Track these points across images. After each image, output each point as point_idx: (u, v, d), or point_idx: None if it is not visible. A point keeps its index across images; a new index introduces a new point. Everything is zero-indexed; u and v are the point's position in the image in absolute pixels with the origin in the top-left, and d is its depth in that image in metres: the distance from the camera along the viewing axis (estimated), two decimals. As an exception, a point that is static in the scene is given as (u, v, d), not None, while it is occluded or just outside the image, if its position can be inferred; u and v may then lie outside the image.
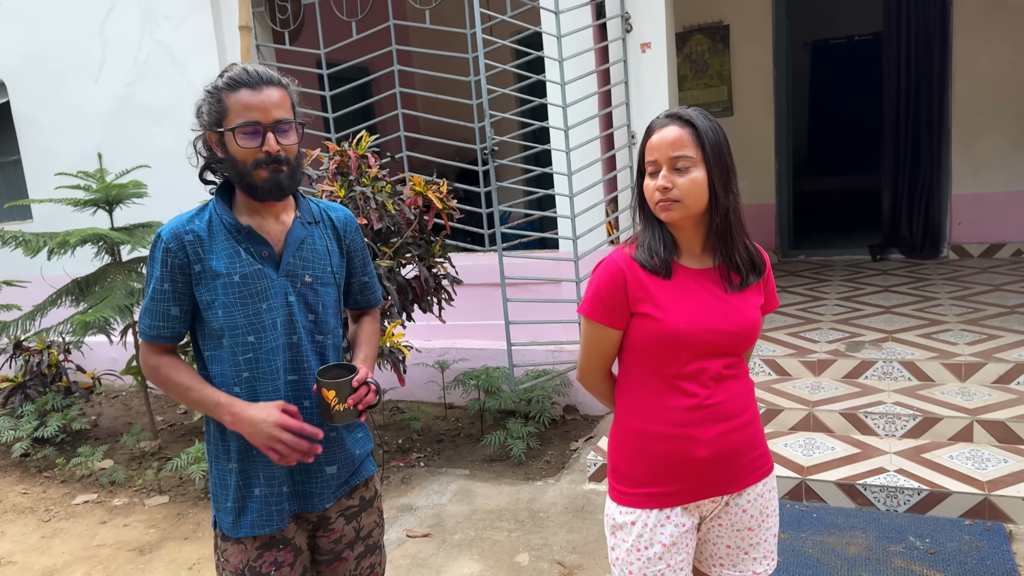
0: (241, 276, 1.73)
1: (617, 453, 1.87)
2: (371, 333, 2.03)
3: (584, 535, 3.45)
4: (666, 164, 1.69)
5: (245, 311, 1.73)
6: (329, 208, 1.93)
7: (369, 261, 2.01)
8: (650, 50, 4.62)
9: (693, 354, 1.75)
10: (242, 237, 1.75)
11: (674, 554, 1.79)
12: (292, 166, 1.74)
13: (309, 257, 1.82)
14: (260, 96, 1.67)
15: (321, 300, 1.83)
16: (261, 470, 1.78)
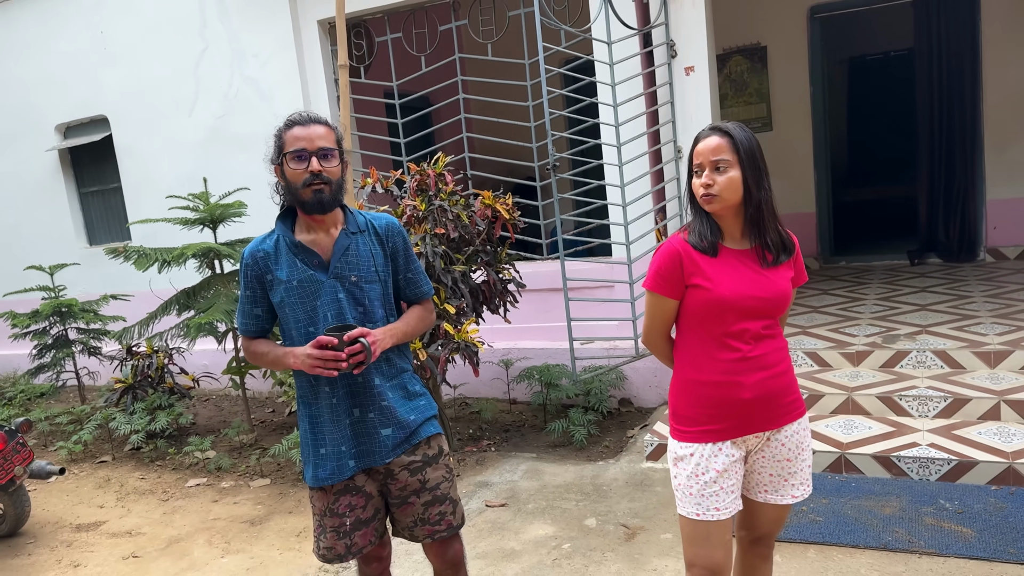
0: (299, 281, 2.21)
1: (677, 400, 2.32)
2: (409, 317, 2.40)
3: (645, 504, 3.88)
4: (708, 166, 2.16)
5: (304, 307, 2.22)
6: (374, 218, 2.34)
7: (413, 260, 2.40)
8: (694, 73, 5.09)
9: (737, 316, 2.20)
10: (298, 251, 2.23)
11: (725, 479, 2.23)
12: (333, 186, 2.18)
13: (354, 261, 2.24)
14: (308, 131, 2.17)
15: (367, 295, 2.26)
16: (326, 434, 2.27)
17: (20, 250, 7.83)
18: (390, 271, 2.34)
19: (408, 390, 2.37)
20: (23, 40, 7.51)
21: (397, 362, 2.36)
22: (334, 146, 2.20)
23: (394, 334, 2.29)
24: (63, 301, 6.20)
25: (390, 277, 2.34)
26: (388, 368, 2.32)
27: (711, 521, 2.21)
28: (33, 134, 7.64)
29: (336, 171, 2.20)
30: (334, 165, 2.19)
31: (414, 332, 2.39)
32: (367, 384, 2.26)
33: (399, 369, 2.37)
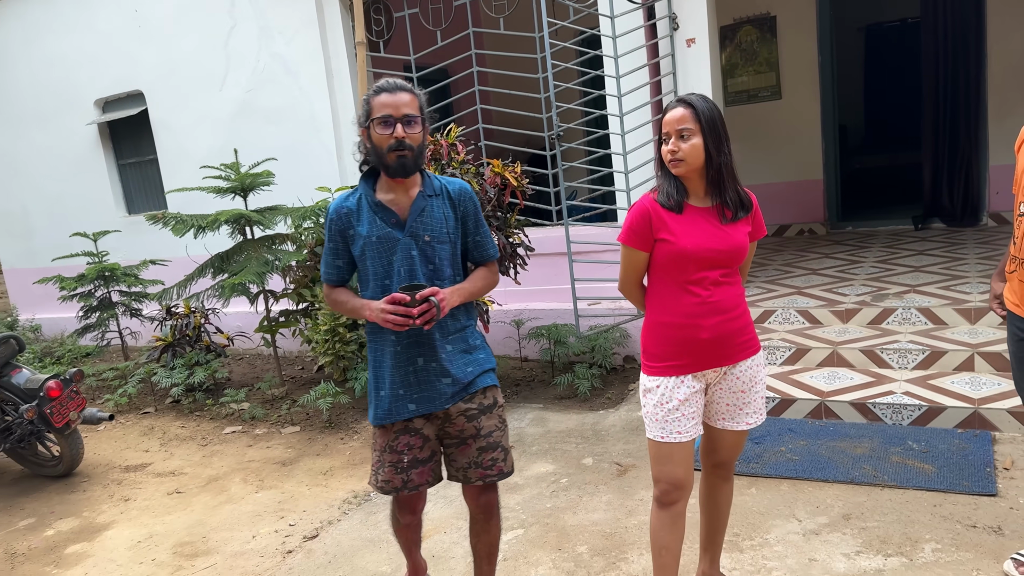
0: (378, 237, 2.41)
1: (647, 339, 2.65)
2: (475, 277, 2.57)
3: (638, 446, 4.23)
4: (674, 134, 2.46)
5: (382, 261, 2.42)
6: (448, 182, 2.52)
7: (482, 224, 2.56)
8: (695, 45, 5.33)
9: (697, 266, 2.52)
10: (378, 209, 2.42)
11: (687, 407, 2.56)
12: (415, 151, 2.36)
13: (428, 221, 2.42)
14: (394, 98, 2.35)
15: (437, 254, 2.44)
16: (387, 378, 2.47)
17: (64, 219, 8.31)
18: (460, 233, 2.50)
19: (468, 344, 2.54)
20: (63, 20, 7.92)
21: (461, 318, 2.53)
22: (418, 113, 2.37)
23: (461, 293, 2.46)
24: (106, 265, 6.65)
25: (459, 239, 2.51)
26: (452, 323, 2.49)
27: (674, 443, 2.55)
28: (74, 109, 8.08)
29: (418, 137, 2.37)
30: (417, 131, 2.36)
31: (479, 291, 2.55)
32: (431, 337, 2.44)
33: (462, 325, 2.53)
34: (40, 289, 8.22)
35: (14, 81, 8.42)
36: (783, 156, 7.76)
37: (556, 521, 3.53)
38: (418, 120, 2.38)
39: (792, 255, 6.88)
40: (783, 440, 4.04)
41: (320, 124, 6.77)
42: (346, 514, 3.91)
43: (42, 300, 8.56)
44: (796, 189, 7.80)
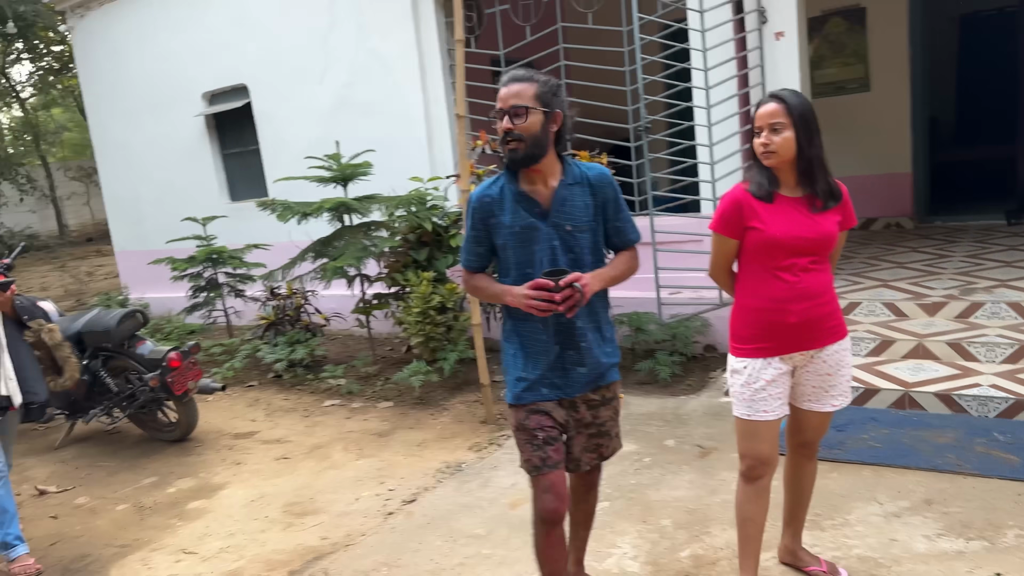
0: (521, 227, 2.43)
1: (735, 322, 2.81)
2: (616, 262, 2.57)
3: (720, 430, 4.36)
4: (766, 128, 2.60)
5: (524, 251, 2.44)
6: (588, 169, 2.50)
7: (622, 209, 2.55)
8: (783, 38, 5.39)
9: (786, 253, 2.65)
10: (521, 199, 2.43)
11: (773, 387, 2.71)
12: (527, 142, 2.34)
13: (569, 211, 2.43)
14: (505, 90, 2.38)
15: (578, 243, 2.45)
16: (526, 362, 2.52)
17: (171, 205, 8.87)
18: (600, 220, 2.50)
19: (603, 335, 2.57)
20: (175, 17, 8.46)
21: (598, 307, 2.55)
22: (528, 103, 2.33)
23: (603, 279, 2.47)
24: (215, 248, 7.13)
25: (600, 226, 2.51)
26: (590, 312, 2.51)
27: (760, 420, 2.70)
28: (183, 102, 8.62)
29: (530, 127, 2.33)
30: (525, 122, 2.33)
31: (620, 277, 2.55)
32: (571, 324, 2.47)
33: (599, 314, 2.56)
34: (148, 269, 8.80)
35: (129, 75, 9.03)
36: (870, 149, 7.68)
37: (640, 496, 3.71)
38: (524, 110, 2.34)
39: (878, 248, 6.84)
40: (865, 428, 4.11)
41: (412, 117, 7.07)
42: (440, 482, 4.18)
43: (150, 280, 9.16)
44: (883, 182, 7.71)
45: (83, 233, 21.70)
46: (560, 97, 2.41)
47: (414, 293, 5.69)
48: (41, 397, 3.73)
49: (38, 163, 21.17)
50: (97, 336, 5.05)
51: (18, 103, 20.39)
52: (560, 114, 2.40)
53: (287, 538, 3.77)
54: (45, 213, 21.30)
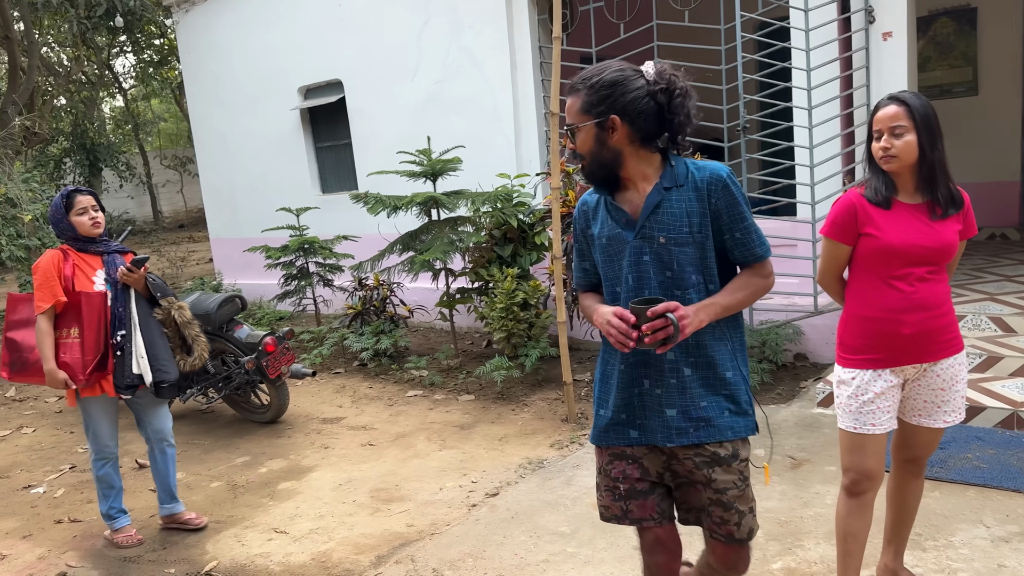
0: (607, 239, 2.10)
1: (844, 331, 2.72)
2: (735, 285, 2.09)
3: (812, 441, 4.24)
4: (887, 131, 2.51)
5: (612, 267, 2.12)
6: (697, 169, 2.05)
7: (744, 217, 2.05)
8: (891, 39, 5.19)
9: (903, 262, 2.55)
10: (611, 208, 2.11)
11: (882, 400, 2.61)
12: (589, 161, 2.04)
13: (664, 219, 2.02)
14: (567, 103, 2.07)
15: (676, 258, 2.02)
16: (610, 397, 2.15)
17: (265, 195, 9.16)
18: (710, 231, 2.05)
19: (716, 376, 2.08)
20: (276, 11, 8.72)
21: (706, 340, 2.07)
22: (575, 120, 2.03)
23: (712, 309, 2.01)
24: (307, 238, 7.32)
25: (710, 238, 2.05)
26: (692, 345, 2.06)
27: (866, 434, 2.61)
28: (280, 95, 8.88)
29: (581, 145, 2.04)
30: (580, 141, 2.04)
31: (740, 304, 2.08)
32: (662, 357, 2.06)
33: (709, 349, 2.07)
34: (241, 256, 9.13)
35: (230, 68, 9.36)
36: (976, 155, 7.33)
37: (729, 503, 3.64)
38: (576, 129, 2.03)
39: (983, 260, 6.53)
40: (969, 447, 3.93)
41: (502, 114, 7.11)
42: (523, 477, 4.19)
43: (243, 267, 9.49)
44: (989, 190, 7.36)
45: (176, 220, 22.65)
46: (619, 95, 1.96)
47: (498, 289, 5.72)
48: (171, 376, 3.71)
49: (136, 151, 22.18)
50: (198, 318, 5.24)
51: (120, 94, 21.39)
52: (616, 119, 1.97)
53: (374, 523, 3.84)
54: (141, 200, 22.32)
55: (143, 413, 3.86)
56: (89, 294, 3.56)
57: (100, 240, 3.67)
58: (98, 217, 3.61)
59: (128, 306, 3.67)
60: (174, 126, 26.22)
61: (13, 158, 9.77)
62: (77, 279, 3.57)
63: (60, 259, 3.57)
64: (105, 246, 3.69)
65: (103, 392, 3.64)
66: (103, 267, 3.65)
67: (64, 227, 3.59)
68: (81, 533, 4.03)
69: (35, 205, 7.79)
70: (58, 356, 3.57)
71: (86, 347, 3.54)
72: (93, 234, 3.61)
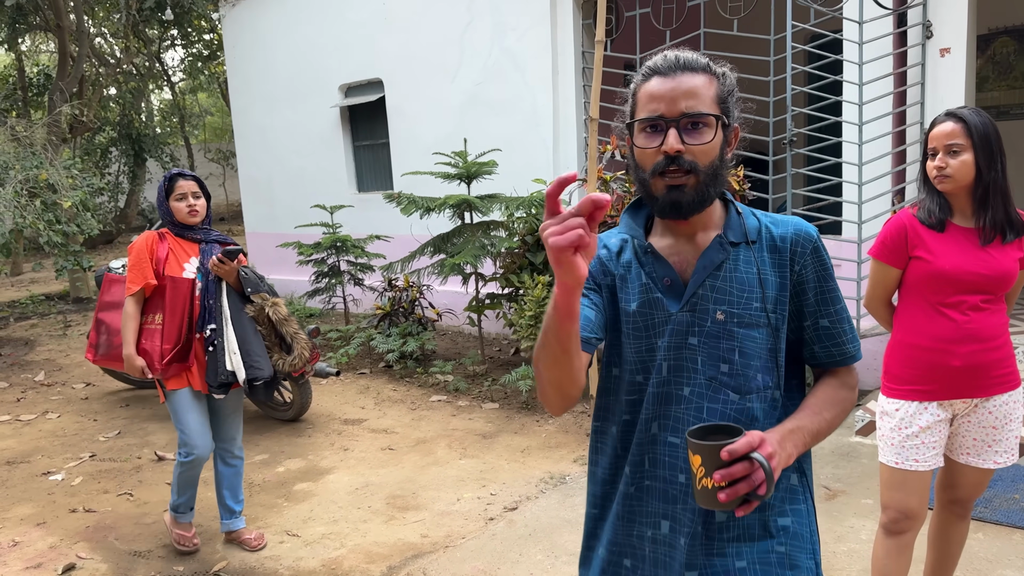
0: (639, 304, 1.45)
1: (890, 359, 2.55)
2: (823, 400, 1.45)
3: (849, 472, 4.05)
4: (943, 149, 2.35)
5: (638, 345, 1.45)
6: (773, 223, 1.48)
7: (837, 299, 1.48)
8: (949, 55, 4.98)
9: (955, 289, 2.39)
10: (646, 258, 1.46)
11: (928, 435, 2.44)
12: (702, 176, 1.35)
13: (726, 287, 1.41)
14: (671, 83, 1.34)
15: (740, 346, 1.40)
16: (606, 534, 1.53)
17: (302, 191, 9.17)
18: (786, 312, 1.45)
19: (767, 523, 1.43)
20: (320, 8, 8.73)
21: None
22: (710, 109, 1.36)
23: (799, 438, 1.37)
24: (340, 236, 7.29)
25: (786, 322, 1.46)
26: None
27: (909, 470, 2.44)
28: (321, 92, 8.88)
29: (710, 150, 1.36)
30: (705, 140, 1.35)
31: (828, 430, 1.44)
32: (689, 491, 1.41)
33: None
34: (275, 251, 9.14)
35: (272, 64, 9.39)
36: (1034, 180, 7.03)
37: (757, 533, 3.47)
38: (708, 121, 1.35)
39: (1036, 290, 6.24)
40: (1017, 487, 3.71)
41: (541, 118, 7.00)
42: (543, 492, 4.06)
43: (276, 262, 9.50)
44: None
45: (217, 212, 22.91)
46: (735, 100, 1.44)
47: (528, 296, 5.60)
48: (266, 373, 3.45)
49: (181, 144, 22.52)
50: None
51: (168, 86, 21.74)
52: (738, 129, 1.46)
53: (388, 531, 3.74)
54: (184, 191, 22.55)
55: (218, 415, 3.62)
56: (176, 279, 3.36)
57: (200, 228, 3.47)
58: (196, 205, 3.40)
59: (219, 299, 3.44)
60: (220, 120, 26.59)
61: (58, 145, 9.92)
62: (169, 264, 3.38)
63: (155, 241, 3.40)
64: (204, 234, 3.48)
65: (189, 384, 3.44)
66: (199, 255, 3.45)
67: (164, 211, 3.42)
68: (95, 524, 3.99)
69: (75, 192, 7.87)
70: (140, 342, 3.39)
71: (166, 335, 3.36)
72: (190, 222, 3.41)
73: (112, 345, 4.34)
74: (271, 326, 3.58)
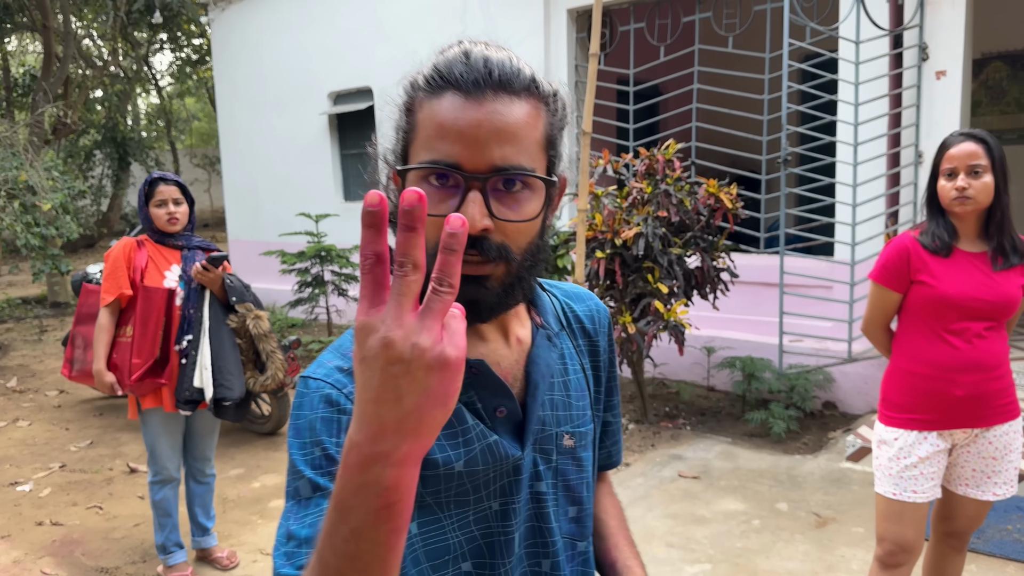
0: (467, 461, 0.94)
1: (889, 387, 2.47)
2: (622, 523, 1.23)
3: (839, 499, 3.96)
4: (965, 170, 2.27)
5: (462, 519, 0.96)
6: (568, 296, 1.14)
7: (617, 386, 1.19)
8: (945, 78, 4.94)
9: (959, 315, 2.31)
10: (466, 381, 0.93)
11: (927, 466, 2.35)
12: (515, 265, 0.91)
13: (563, 397, 1.04)
14: (477, 111, 0.88)
15: (585, 477, 1.07)
16: None
17: (288, 199, 9.04)
18: (601, 413, 1.16)
19: None
20: (311, 15, 8.63)
21: None
22: (534, 162, 0.90)
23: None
24: (324, 246, 7.16)
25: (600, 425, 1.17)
26: None
27: (906, 502, 2.36)
28: (310, 99, 8.78)
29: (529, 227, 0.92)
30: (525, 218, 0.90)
31: None
32: None
33: None
34: (258, 260, 8.99)
35: (261, 69, 9.29)
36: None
37: (747, 562, 3.37)
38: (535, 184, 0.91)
39: (1026, 315, 6.20)
40: (1010, 518, 3.64)
41: (532, 130, 6.91)
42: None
43: (259, 271, 9.35)
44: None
45: (201, 219, 22.70)
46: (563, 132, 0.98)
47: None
48: (235, 394, 3.21)
49: (167, 148, 22.32)
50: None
51: (156, 90, 21.57)
52: (565, 179, 0.99)
53: (365, 553, 3.61)
54: (170, 196, 22.36)
55: (192, 433, 3.43)
56: (149, 288, 3.15)
57: (181, 234, 3.28)
58: (177, 212, 3.20)
59: (200, 309, 3.23)
60: (207, 125, 26.41)
61: (40, 146, 9.74)
62: (148, 273, 3.18)
63: (132, 248, 3.20)
64: (186, 240, 3.29)
65: (162, 404, 3.22)
66: (180, 262, 3.25)
67: (144, 216, 3.22)
68: (61, 538, 3.84)
69: (55, 195, 7.70)
70: (112, 356, 3.19)
71: (137, 348, 3.15)
72: (169, 230, 3.22)
73: (87, 360, 4.18)
74: (251, 340, 3.39)
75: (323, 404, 0.89)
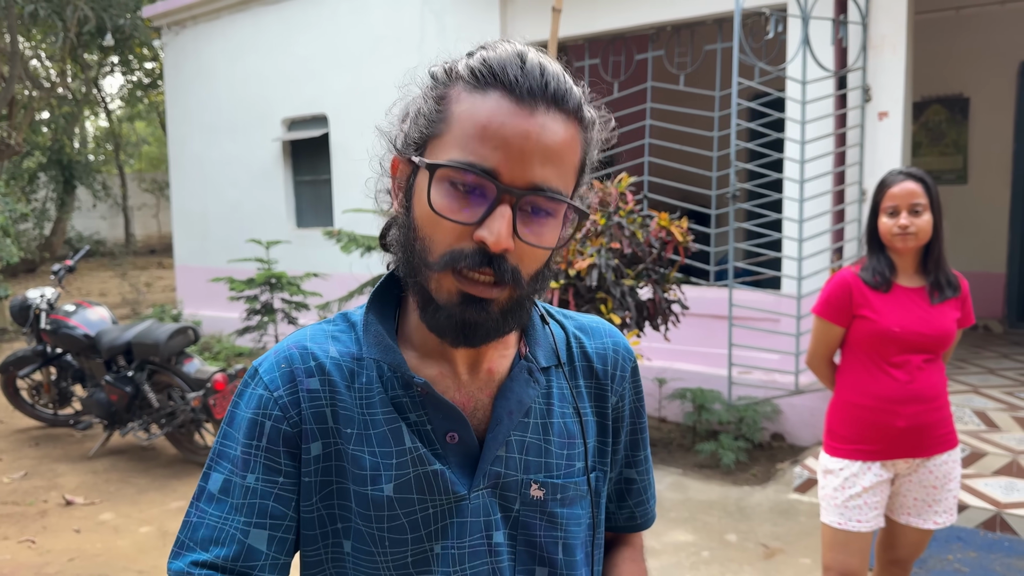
0: (398, 486, 0.88)
1: (833, 418, 2.51)
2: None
3: (787, 529, 3.99)
4: (905, 208, 2.34)
5: (399, 560, 0.89)
6: (583, 330, 1.04)
7: (647, 441, 1.09)
8: (887, 119, 5.12)
9: (900, 349, 2.37)
10: (412, 401, 0.90)
11: (870, 495, 2.39)
12: (521, 291, 0.86)
13: (537, 444, 0.94)
14: (528, 121, 0.82)
15: (565, 535, 0.95)
16: None
17: (238, 225, 8.90)
18: (608, 468, 1.04)
19: None
20: (267, 40, 8.59)
21: None
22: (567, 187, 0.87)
23: None
24: (274, 273, 7.06)
25: (607, 483, 1.05)
26: None
27: (851, 531, 2.39)
28: (263, 125, 8.70)
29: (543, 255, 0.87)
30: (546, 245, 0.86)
31: None
32: None
33: None
34: (206, 286, 8.81)
35: (214, 94, 9.19)
36: (962, 244, 7.25)
37: (696, 593, 3.37)
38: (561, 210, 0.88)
39: (965, 351, 6.40)
40: (950, 548, 3.71)
41: (487, 161, 6.95)
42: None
43: (207, 298, 9.17)
44: (974, 280, 7.16)
45: (148, 244, 22.23)
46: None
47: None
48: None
49: (115, 172, 21.87)
50: (146, 348, 4.94)
51: (105, 113, 21.18)
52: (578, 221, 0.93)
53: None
54: (115, 221, 21.92)
55: None
56: None
57: None
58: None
59: None
60: (157, 150, 25.99)
61: (-19, 166, 9.46)
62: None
63: None
64: None
65: None
66: None
67: None
68: (-14, 575, 3.66)
69: (-6, 216, 7.47)
70: None
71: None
72: None
73: None
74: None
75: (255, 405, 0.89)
